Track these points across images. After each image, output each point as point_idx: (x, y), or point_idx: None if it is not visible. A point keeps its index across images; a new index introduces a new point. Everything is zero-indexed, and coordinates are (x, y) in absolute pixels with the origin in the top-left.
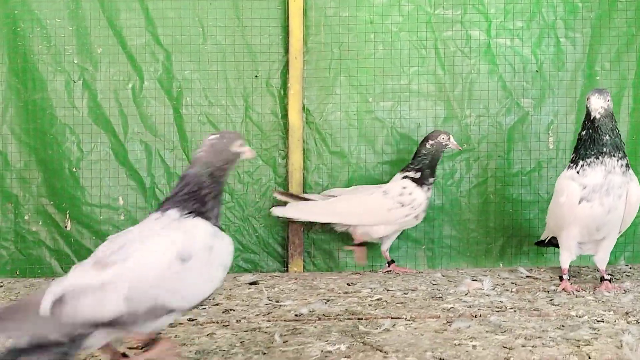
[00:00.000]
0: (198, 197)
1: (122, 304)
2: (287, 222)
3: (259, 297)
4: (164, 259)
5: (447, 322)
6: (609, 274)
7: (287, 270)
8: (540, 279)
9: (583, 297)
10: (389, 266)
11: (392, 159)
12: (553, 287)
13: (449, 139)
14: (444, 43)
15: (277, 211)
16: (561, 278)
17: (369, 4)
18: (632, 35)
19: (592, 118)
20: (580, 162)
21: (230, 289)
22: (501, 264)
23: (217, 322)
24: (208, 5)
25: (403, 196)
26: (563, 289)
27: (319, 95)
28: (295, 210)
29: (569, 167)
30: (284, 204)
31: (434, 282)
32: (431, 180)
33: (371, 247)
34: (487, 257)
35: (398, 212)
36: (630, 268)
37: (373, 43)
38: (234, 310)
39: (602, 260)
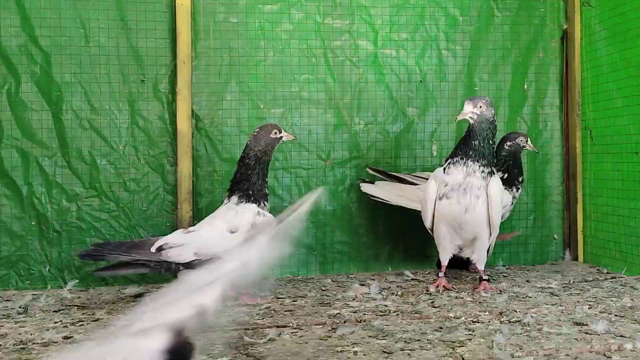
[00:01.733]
0: (246, 177)
1: (193, 255)
2: None
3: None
4: (219, 231)
5: (332, 328)
6: (487, 275)
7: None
8: (424, 282)
9: (462, 298)
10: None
11: (284, 165)
12: (432, 289)
13: (526, 141)
14: (333, 52)
15: (365, 187)
16: (438, 275)
17: (259, 11)
18: (508, 48)
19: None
20: (449, 161)
21: (113, 303)
22: (389, 268)
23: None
24: (90, 5)
25: None
26: (437, 287)
27: (209, 101)
28: (383, 191)
29: (441, 165)
30: (372, 180)
31: (324, 288)
32: (520, 179)
33: None
34: (377, 261)
35: None
36: (507, 269)
37: (263, 50)
38: (113, 327)
39: (478, 260)
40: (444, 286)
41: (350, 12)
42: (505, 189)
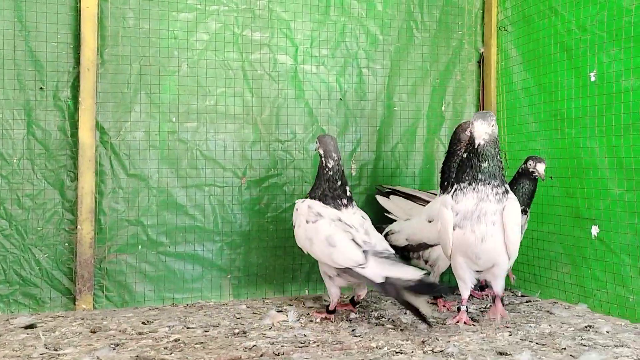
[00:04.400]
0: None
1: (405, 240)
2: (75, 253)
3: (33, 345)
4: (421, 222)
5: None
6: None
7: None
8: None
9: (383, 325)
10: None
11: (197, 182)
12: (353, 315)
13: (535, 165)
14: (251, 65)
15: (380, 199)
16: (459, 309)
17: (173, 19)
18: (427, 69)
19: (476, 145)
20: (455, 187)
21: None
22: (307, 290)
23: None
24: None
25: None
26: (457, 322)
27: (116, 112)
28: (393, 206)
29: (446, 191)
30: (387, 194)
31: (238, 315)
32: (527, 208)
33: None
34: (294, 283)
35: None
36: None
37: (177, 59)
38: None
39: (496, 286)
40: (464, 322)
41: (270, 25)
42: None
